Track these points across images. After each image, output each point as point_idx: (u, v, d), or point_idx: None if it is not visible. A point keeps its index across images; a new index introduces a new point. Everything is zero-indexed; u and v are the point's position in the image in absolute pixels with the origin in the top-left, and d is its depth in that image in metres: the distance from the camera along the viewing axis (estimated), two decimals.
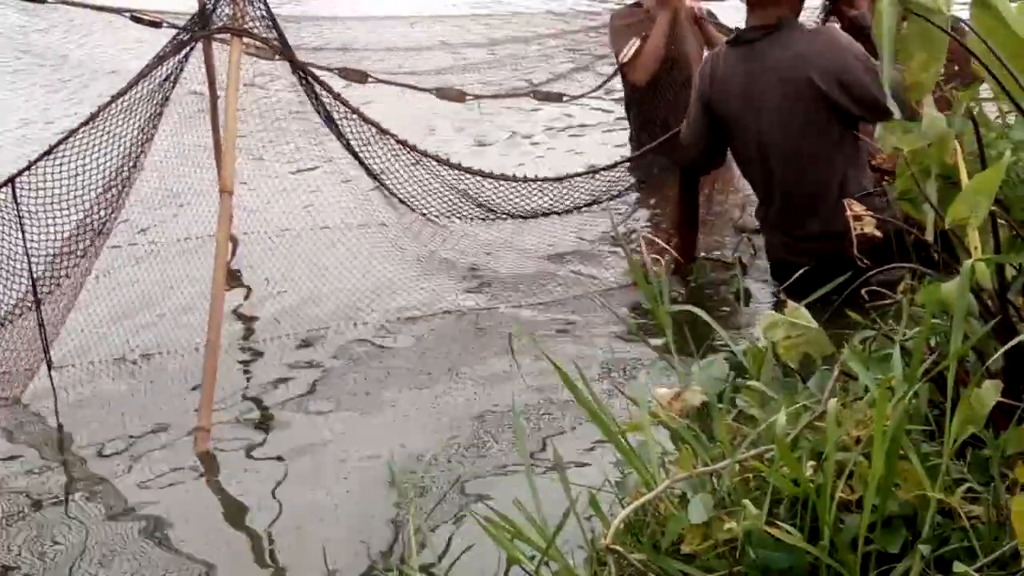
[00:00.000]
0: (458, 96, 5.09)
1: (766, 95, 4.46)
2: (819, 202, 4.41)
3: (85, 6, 5.14)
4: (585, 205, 5.26)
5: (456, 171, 4.84)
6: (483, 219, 5.10)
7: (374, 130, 4.62)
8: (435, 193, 4.94)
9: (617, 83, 6.06)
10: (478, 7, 8.49)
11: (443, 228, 5.15)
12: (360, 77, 4.76)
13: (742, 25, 4.71)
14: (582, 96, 5.90)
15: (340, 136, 4.67)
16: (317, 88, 4.50)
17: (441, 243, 5.19)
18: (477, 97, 4.80)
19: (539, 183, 5.07)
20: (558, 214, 5.19)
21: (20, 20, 6.64)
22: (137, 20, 4.66)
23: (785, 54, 4.41)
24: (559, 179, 5.20)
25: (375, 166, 4.79)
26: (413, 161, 4.80)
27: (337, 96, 4.53)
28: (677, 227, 5.08)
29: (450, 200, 4.99)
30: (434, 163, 4.79)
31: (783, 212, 4.56)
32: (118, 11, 4.83)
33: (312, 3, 6.93)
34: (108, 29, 6.07)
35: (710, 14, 5.82)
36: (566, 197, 5.19)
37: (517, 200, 5.07)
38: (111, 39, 6.54)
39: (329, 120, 4.61)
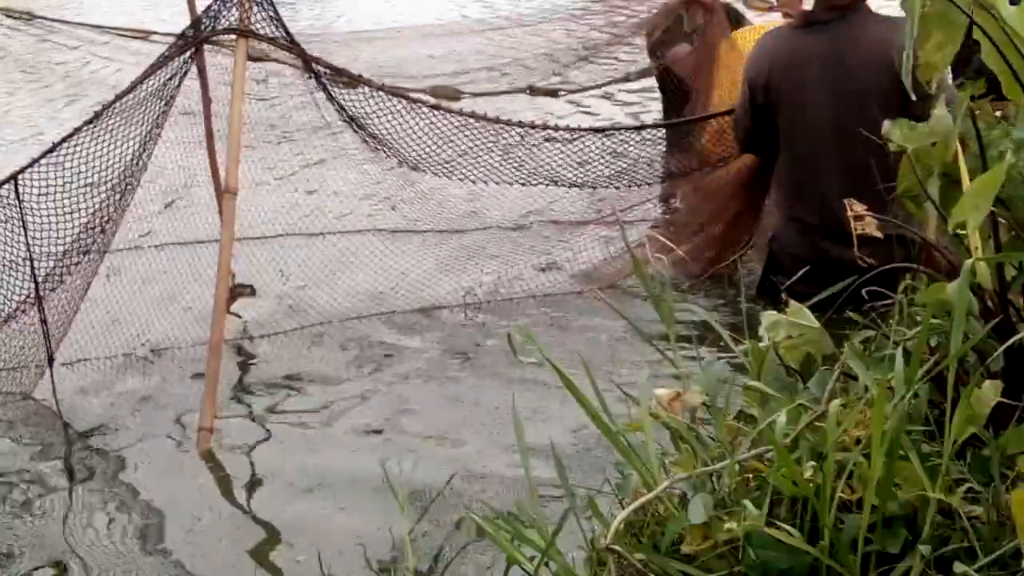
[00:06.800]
0: (453, 94, 5.03)
1: (854, 76, 4.34)
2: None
3: (70, 24, 5.16)
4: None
5: (499, 125, 4.73)
6: (523, 184, 4.93)
7: (404, 103, 4.55)
8: (476, 158, 4.81)
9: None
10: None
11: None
12: (352, 81, 4.72)
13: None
14: (579, 91, 5.79)
15: (360, 128, 4.63)
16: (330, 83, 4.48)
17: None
18: (473, 95, 4.74)
19: (581, 132, 4.93)
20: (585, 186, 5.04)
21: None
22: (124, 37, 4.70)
23: (875, 34, 4.30)
24: (601, 130, 5.10)
25: (405, 148, 4.69)
26: (456, 125, 4.67)
27: (359, 77, 4.48)
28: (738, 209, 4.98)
29: (491, 164, 4.85)
30: (474, 120, 4.67)
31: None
32: (103, 28, 4.85)
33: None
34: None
35: None
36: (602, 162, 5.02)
37: (557, 160, 4.91)
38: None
39: (343, 111, 4.58)
